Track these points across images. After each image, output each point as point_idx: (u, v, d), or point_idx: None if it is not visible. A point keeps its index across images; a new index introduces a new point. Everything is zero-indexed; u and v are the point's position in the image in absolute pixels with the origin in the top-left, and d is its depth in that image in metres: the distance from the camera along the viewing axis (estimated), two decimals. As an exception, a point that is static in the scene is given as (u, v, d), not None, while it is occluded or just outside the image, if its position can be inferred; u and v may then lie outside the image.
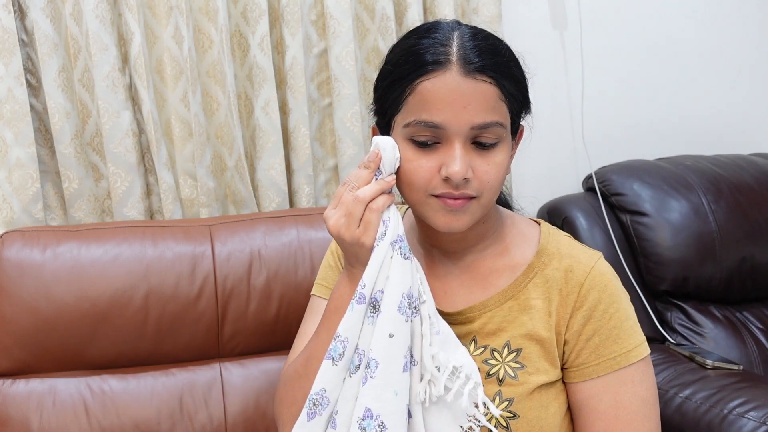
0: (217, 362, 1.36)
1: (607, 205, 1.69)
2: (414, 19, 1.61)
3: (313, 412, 0.89)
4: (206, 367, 1.35)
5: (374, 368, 0.86)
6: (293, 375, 0.98)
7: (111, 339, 1.30)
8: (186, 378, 1.33)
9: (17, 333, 1.28)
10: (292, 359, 1.04)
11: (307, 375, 0.93)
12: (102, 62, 1.45)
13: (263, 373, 1.36)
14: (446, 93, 0.86)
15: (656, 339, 1.59)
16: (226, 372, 1.35)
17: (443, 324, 0.92)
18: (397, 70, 0.90)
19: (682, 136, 1.96)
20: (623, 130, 1.93)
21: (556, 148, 1.86)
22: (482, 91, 0.86)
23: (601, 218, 1.67)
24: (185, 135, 1.55)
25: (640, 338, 0.94)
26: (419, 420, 0.90)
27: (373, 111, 0.97)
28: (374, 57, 1.64)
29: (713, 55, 1.98)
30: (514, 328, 0.95)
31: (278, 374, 1.33)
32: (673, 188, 1.66)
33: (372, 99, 0.97)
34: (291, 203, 1.65)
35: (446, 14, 1.63)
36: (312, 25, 1.61)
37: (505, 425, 0.91)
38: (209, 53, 1.54)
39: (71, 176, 1.50)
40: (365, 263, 0.89)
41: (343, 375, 0.89)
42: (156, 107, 1.52)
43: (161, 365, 1.34)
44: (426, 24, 0.93)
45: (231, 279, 1.35)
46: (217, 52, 1.52)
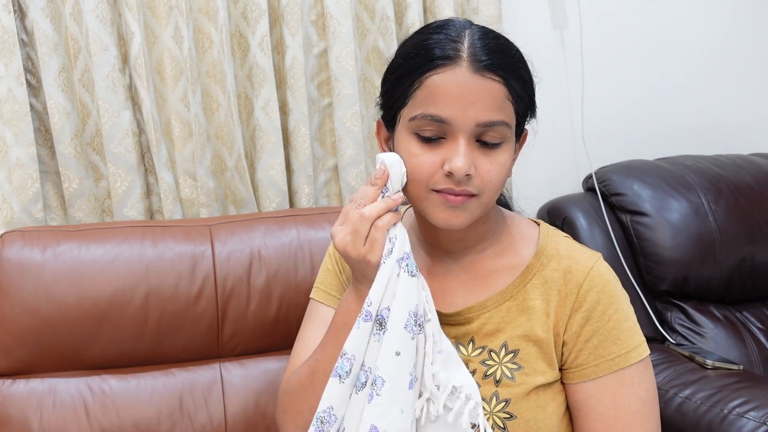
0: (217, 362, 1.36)
1: (607, 205, 1.69)
2: (414, 19, 1.61)
3: (321, 430, 0.89)
4: (206, 367, 1.35)
5: (380, 386, 0.86)
6: (298, 386, 0.97)
7: (111, 339, 1.30)
8: (186, 378, 1.33)
9: (17, 333, 1.28)
10: (294, 365, 1.04)
11: (313, 388, 0.94)
12: (102, 62, 1.45)
13: (263, 373, 1.35)
14: (454, 88, 0.86)
15: (656, 339, 1.59)
16: (226, 372, 1.35)
17: (446, 343, 0.92)
18: (407, 64, 0.90)
19: (682, 136, 1.96)
20: (623, 130, 1.92)
21: (556, 148, 1.86)
22: (490, 89, 0.87)
23: (601, 218, 1.67)
24: (185, 135, 1.55)
25: (640, 339, 0.94)
26: None
27: (379, 105, 0.97)
28: (374, 57, 1.64)
29: (713, 55, 1.98)
30: (512, 329, 0.95)
31: (278, 374, 1.34)
32: (673, 188, 1.66)
33: (376, 96, 0.96)
34: (291, 203, 1.65)
35: (446, 14, 1.62)
36: (312, 25, 1.61)
37: (502, 426, 0.91)
38: (209, 53, 1.54)
39: (71, 176, 1.50)
40: (372, 280, 0.89)
41: (350, 392, 0.89)
42: (156, 107, 1.52)
43: (161, 365, 1.34)
44: (438, 21, 0.94)
45: (231, 279, 1.35)
46: (217, 52, 1.52)
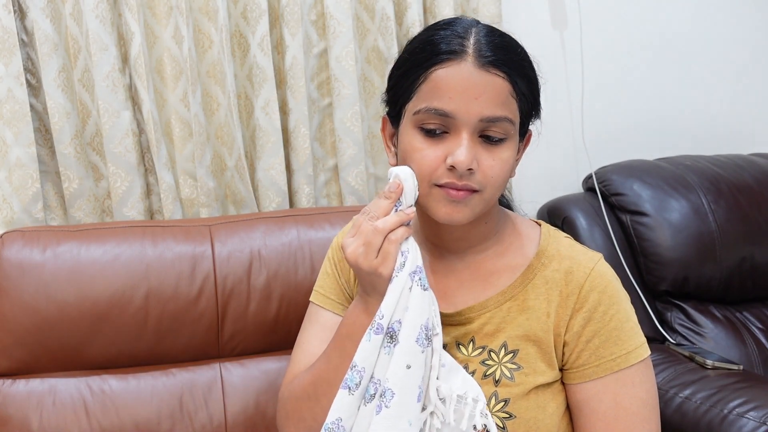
0: (217, 362, 1.36)
1: (607, 205, 1.69)
2: (414, 19, 1.61)
3: None
4: (206, 367, 1.35)
5: (389, 398, 0.86)
6: (301, 394, 0.97)
7: (111, 339, 1.30)
8: (186, 378, 1.33)
9: (17, 333, 1.27)
10: (295, 370, 1.04)
11: (317, 396, 0.94)
12: (102, 62, 1.45)
13: (263, 373, 1.35)
14: (459, 82, 0.87)
15: (656, 339, 1.59)
16: (226, 372, 1.35)
17: (447, 356, 0.93)
18: (413, 58, 0.91)
19: (682, 136, 1.96)
20: (623, 130, 1.92)
21: (556, 148, 1.86)
22: (494, 85, 0.87)
23: (601, 218, 1.67)
24: (185, 135, 1.55)
25: (641, 340, 0.94)
26: None
27: (385, 101, 0.98)
28: (374, 57, 1.64)
29: (713, 55, 1.98)
30: (512, 329, 0.95)
31: (278, 374, 1.34)
32: (673, 188, 1.66)
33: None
34: (291, 203, 1.65)
35: (446, 14, 1.62)
36: (312, 25, 1.61)
37: (502, 426, 0.91)
38: (209, 53, 1.54)
39: (71, 176, 1.50)
40: (381, 293, 0.89)
41: (359, 404, 0.89)
42: (156, 107, 1.52)
43: (161, 365, 1.34)
44: (446, 19, 0.95)
45: (231, 279, 1.35)
46: (217, 52, 1.52)
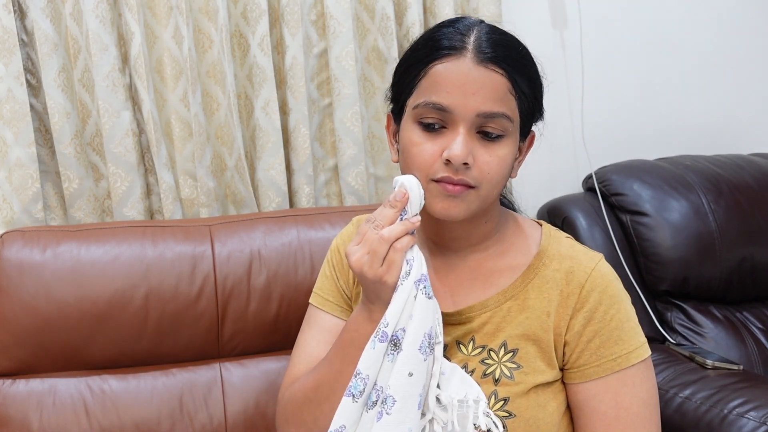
0: (217, 362, 1.36)
1: (607, 205, 1.69)
2: (414, 19, 1.61)
3: None
4: (206, 367, 1.35)
5: (391, 405, 0.87)
6: (302, 398, 0.97)
7: (111, 339, 1.30)
8: (186, 378, 1.33)
9: (17, 333, 1.27)
10: (294, 373, 1.04)
11: (318, 401, 0.94)
12: (102, 62, 1.45)
13: (263, 373, 1.35)
14: (457, 77, 0.88)
15: (656, 339, 1.59)
16: (226, 372, 1.35)
17: (445, 363, 0.93)
18: (414, 54, 0.93)
19: (682, 136, 1.96)
20: (623, 130, 1.93)
21: (556, 148, 1.86)
22: (492, 81, 0.88)
23: (601, 218, 1.67)
24: (185, 135, 1.55)
25: (641, 339, 0.94)
26: None
27: (389, 98, 0.99)
28: (374, 57, 1.64)
29: (713, 55, 1.98)
30: (512, 328, 0.95)
31: (278, 374, 1.34)
32: (673, 188, 1.66)
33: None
34: (291, 203, 1.65)
35: (446, 14, 1.63)
36: (312, 25, 1.61)
37: (503, 425, 0.91)
38: (209, 53, 1.54)
39: (71, 176, 1.50)
40: (386, 301, 0.89)
41: (362, 410, 0.89)
42: (156, 107, 1.52)
43: (161, 365, 1.34)
44: (452, 18, 0.96)
45: (231, 279, 1.35)
46: (217, 52, 1.52)
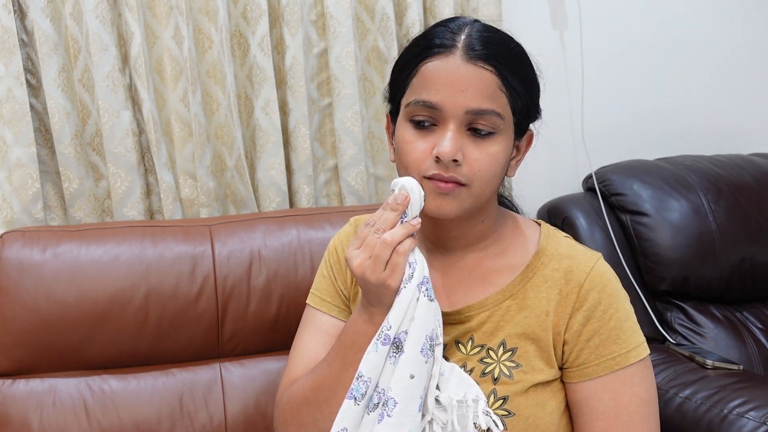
0: (217, 362, 1.36)
1: (607, 205, 1.69)
2: (414, 19, 1.61)
3: None
4: (206, 367, 1.35)
5: (392, 407, 0.87)
6: (301, 400, 0.97)
7: (111, 339, 1.30)
8: (186, 378, 1.33)
9: (17, 333, 1.27)
10: (292, 374, 1.03)
11: (317, 403, 0.94)
12: (102, 62, 1.45)
13: (263, 373, 1.35)
14: (446, 74, 0.88)
15: (656, 339, 1.59)
16: (226, 372, 1.35)
17: (445, 363, 0.93)
18: (407, 54, 0.94)
19: (682, 136, 1.96)
20: (623, 130, 1.92)
21: (556, 148, 1.86)
22: (481, 78, 0.88)
23: (601, 218, 1.67)
24: (185, 135, 1.55)
25: (640, 339, 0.95)
26: None
27: (386, 98, 0.99)
28: (374, 57, 1.64)
29: (713, 55, 1.98)
30: (511, 328, 0.95)
31: (278, 374, 1.33)
32: (673, 188, 1.66)
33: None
34: (291, 203, 1.65)
35: (446, 14, 1.63)
36: (312, 25, 1.61)
37: (502, 423, 0.91)
38: (209, 53, 1.54)
39: (71, 176, 1.50)
40: (387, 305, 0.89)
41: (363, 413, 0.90)
42: (156, 107, 1.52)
43: (161, 365, 1.34)
44: (448, 18, 0.96)
45: (231, 279, 1.35)
46: (217, 52, 1.52)
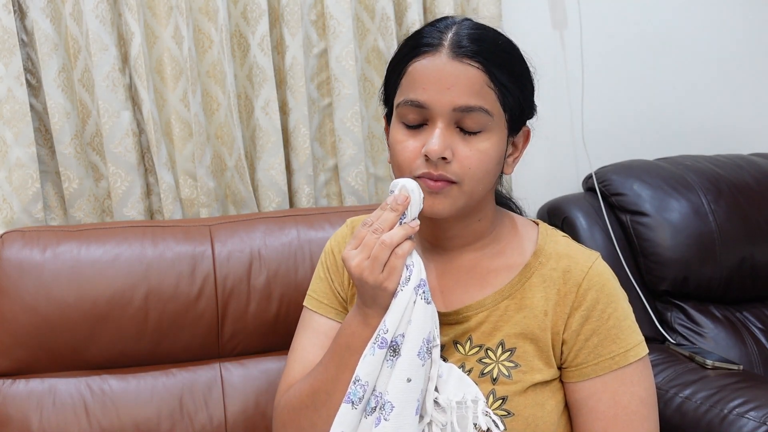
0: (217, 362, 1.36)
1: (607, 205, 1.69)
2: (414, 19, 1.61)
3: None
4: (206, 367, 1.35)
5: (389, 410, 0.87)
6: (298, 403, 0.97)
7: (111, 339, 1.30)
8: (186, 378, 1.33)
9: (17, 333, 1.28)
10: (290, 377, 1.03)
11: (315, 406, 0.94)
12: (102, 62, 1.45)
13: (263, 373, 1.35)
14: (432, 73, 0.88)
15: (656, 339, 1.59)
16: (226, 372, 1.35)
17: (444, 365, 0.93)
18: (397, 55, 0.94)
19: (682, 136, 1.96)
20: (623, 130, 1.92)
21: (556, 148, 1.86)
22: (468, 75, 0.88)
23: (601, 218, 1.67)
24: (185, 135, 1.55)
25: (639, 338, 0.94)
26: None
27: (382, 101, 0.99)
28: (374, 57, 1.64)
29: (713, 55, 1.98)
30: (509, 327, 0.95)
31: (278, 374, 1.33)
32: (673, 188, 1.66)
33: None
34: (291, 203, 1.65)
35: (446, 14, 1.62)
36: (312, 25, 1.61)
37: (502, 423, 0.91)
38: (209, 53, 1.54)
39: (71, 176, 1.50)
40: (384, 307, 0.89)
41: (361, 417, 0.90)
42: (156, 107, 1.52)
43: (161, 365, 1.34)
44: (438, 18, 0.97)
45: (231, 279, 1.35)
46: (217, 52, 1.53)
